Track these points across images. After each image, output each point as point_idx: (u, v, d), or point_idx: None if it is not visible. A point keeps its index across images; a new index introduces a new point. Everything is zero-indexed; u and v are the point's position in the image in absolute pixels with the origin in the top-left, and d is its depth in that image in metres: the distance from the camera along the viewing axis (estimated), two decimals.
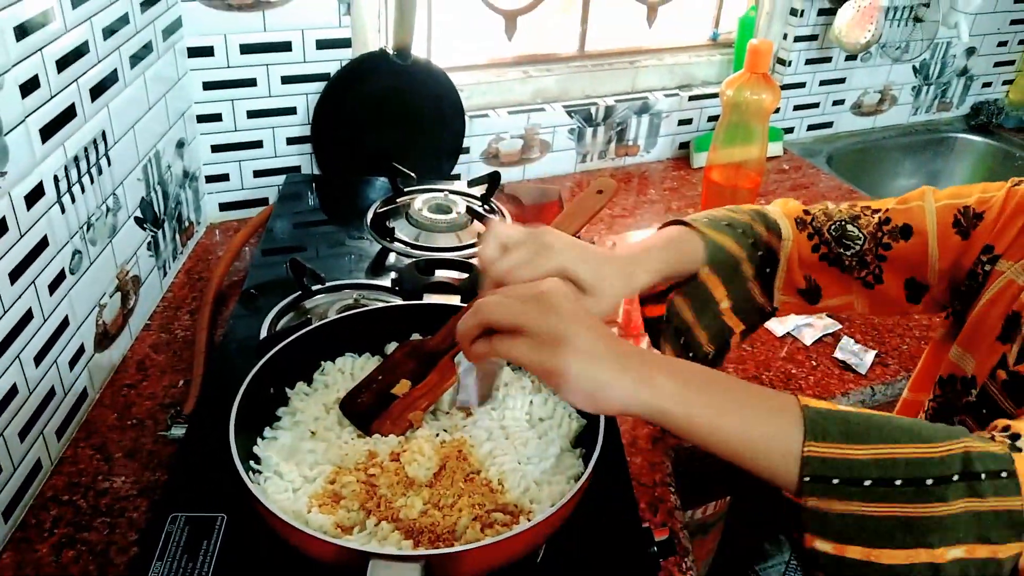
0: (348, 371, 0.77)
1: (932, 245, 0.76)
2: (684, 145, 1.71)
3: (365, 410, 0.71)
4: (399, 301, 0.93)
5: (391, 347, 0.79)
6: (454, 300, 0.84)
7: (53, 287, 0.87)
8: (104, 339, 1.00)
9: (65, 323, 0.90)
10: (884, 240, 0.78)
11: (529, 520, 0.58)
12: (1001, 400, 0.66)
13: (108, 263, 1.00)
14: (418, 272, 0.94)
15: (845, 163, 1.82)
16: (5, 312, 0.78)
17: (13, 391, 0.80)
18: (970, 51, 1.92)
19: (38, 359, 0.84)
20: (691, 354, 0.81)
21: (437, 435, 0.70)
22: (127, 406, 0.98)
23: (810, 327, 1.17)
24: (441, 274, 0.99)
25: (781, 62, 1.71)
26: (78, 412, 0.94)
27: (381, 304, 0.88)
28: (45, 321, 0.85)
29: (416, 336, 0.79)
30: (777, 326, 1.17)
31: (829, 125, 1.87)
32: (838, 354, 1.12)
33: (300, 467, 0.67)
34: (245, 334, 0.97)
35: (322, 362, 0.78)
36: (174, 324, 1.14)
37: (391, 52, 1.33)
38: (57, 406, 0.89)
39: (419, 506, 0.62)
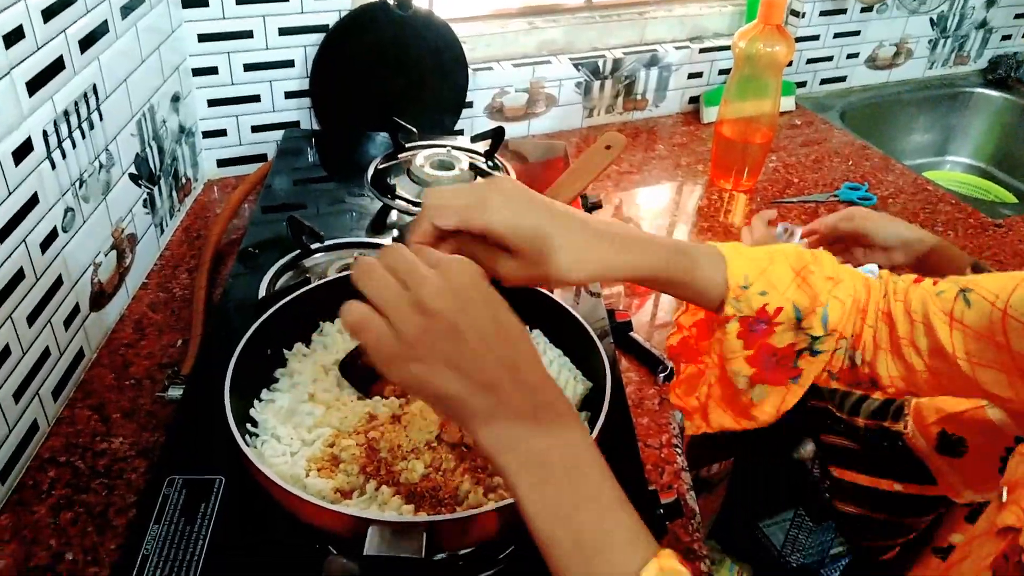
0: (348, 332, 0.75)
1: None
2: (694, 99, 1.66)
3: (365, 372, 0.69)
4: None
5: None
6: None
7: (45, 245, 0.84)
8: (100, 298, 0.98)
9: (59, 282, 0.88)
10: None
11: None
12: None
13: (102, 221, 0.98)
14: None
15: (858, 118, 1.77)
16: None
17: (6, 351, 0.78)
18: (990, 2, 1.86)
19: (31, 319, 0.82)
20: None
21: None
22: (125, 366, 0.96)
23: None
24: None
25: (795, 13, 1.66)
26: (75, 372, 0.92)
27: None
28: (38, 280, 0.83)
29: None
30: None
31: (843, 79, 1.82)
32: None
33: (298, 430, 0.65)
34: (244, 293, 0.95)
35: (321, 323, 0.76)
36: (172, 283, 1.12)
37: (392, 2, 1.29)
38: (52, 366, 0.87)
39: (420, 470, 0.61)
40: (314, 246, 0.98)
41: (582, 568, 0.45)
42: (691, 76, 1.63)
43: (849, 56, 1.79)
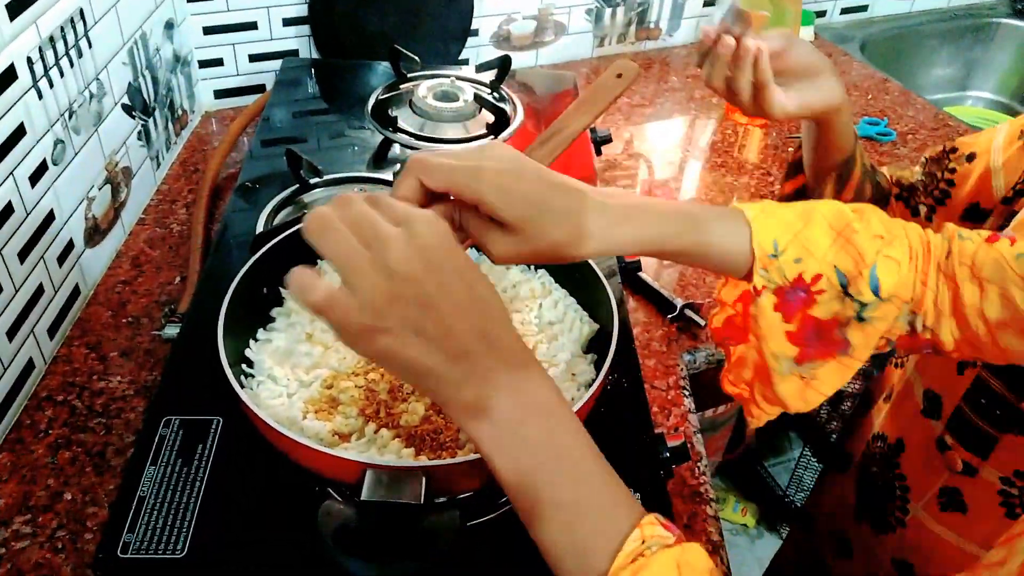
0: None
1: (995, 159, 0.69)
2: None
3: None
4: None
5: None
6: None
7: (34, 179, 0.82)
8: (95, 234, 0.96)
9: (50, 217, 0.85)
10: (949, 166, 0.73)
11: None
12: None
13: (95, 153, 0.94)
14: None
15: (879, 50, 1.71)
16: None
17: None
18: None
19: (22, 255, 0.80)
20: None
21: None
22: (122, 304, 0.94)
23: None
24: None
25: None
26: (70, 310, 0.91)
27: None
28: (28, 215, 0.81)
29: None
30: None
31: (864, 8, 1.75)
32: None
33: (295, 371, 0.63)
34: (242, 229, 0.92)
35: (319, 261, 0.73)
36: (170, 218, 1.09)
37: None
38: (47, 304, 0.85)
39: (420, 412, 0.59)
40: (313, 181, 0.95)
41: (565, 538, 0.43)
42: (707, 4, 1.56)
43: None
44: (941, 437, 0.70)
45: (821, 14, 1.70)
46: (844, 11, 1.73)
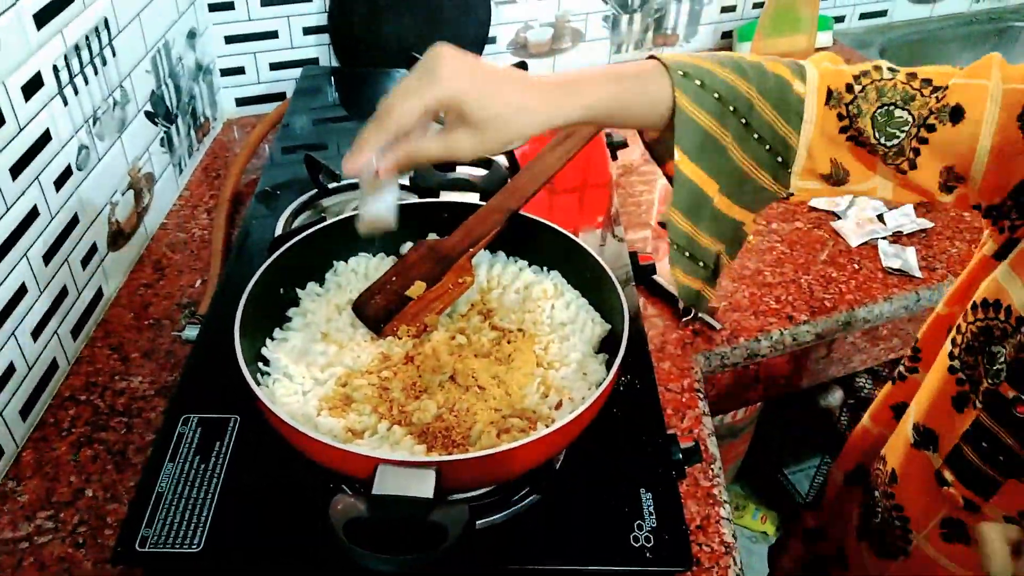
0: (362, 272, 0.74)
1: (984, 136, 0.62)
2: (727, 34, 1.59)
3: (378, 312, 0.68)
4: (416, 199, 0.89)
5: (406, 247, 0.75)
6: (472, 198, 0.79)
7: (59, 183, 0.84)
8: (118, 238, 0.98)
9: (75, 221, 0.87)
10: (929, 121, 0.63)
11: (547, 427, 0.55)
12: None
13: (118, 159, 0.96)
14: (435, 168, 0.89)
15: (899, 55, 1.70)
16: (8, 208, 0.75)
17: (22, 290, 0.78)
18: None
19: (47, 257, 0.82)
20: (701, 263, 0.68)
21: (453, 338, 0.67)
22: (144, 306, 0.96)
23: (856, 227, 1.10)
24: (461, 170, 0.94)
25: None
26: (93, 312, 0.92)
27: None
28: (53, 218, 0.83)
29: (432, 236, 0.75)
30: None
31: (884, 13, 1.74)
32: (886, 262, 1.05)
33: (310, 369, 0.64)
34: (262, 233, 0.94)
35: (335, 262, 0.75)
36: (191, 223, 1.11)
37: None
38: (71, 305, 0.87)
39: (433, 410, 0.60)
40: (331, 185, 0.96)
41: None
42: (724, 10, 1.56)
43: None
44: (939, 471, 0.67)
45: (840, 19, 1.69)
46: (863, 16, 1.72)
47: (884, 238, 1.09)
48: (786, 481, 1.99)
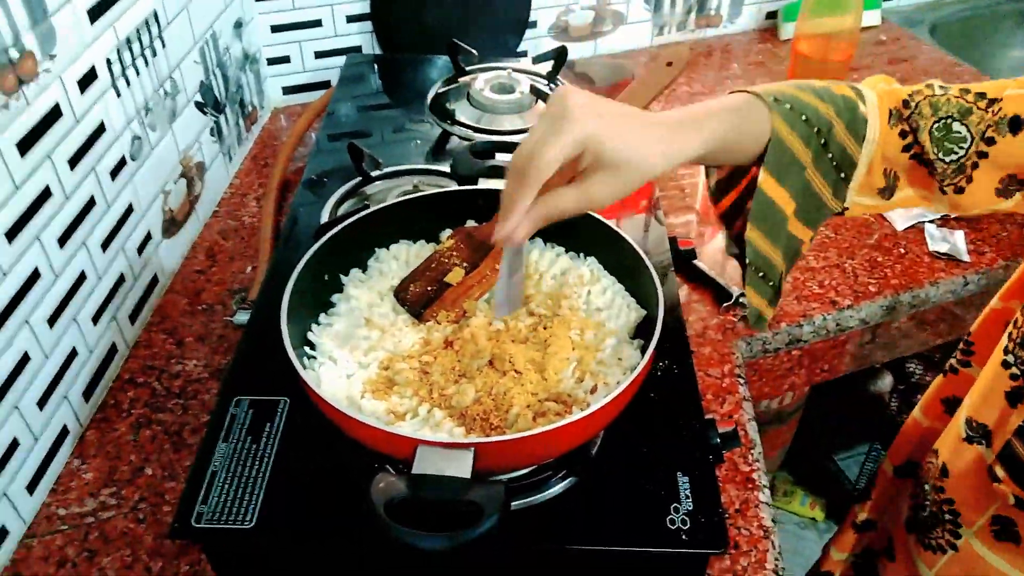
0: (403, 258, 0.76)
1: None
2: (772, 15, 1.57)
3: (419, 298, 0.70)
4: (455, 187, 0.90)
5: (446, 234, 0.77)
6: None
7: (115, 173, 0.87)
8: (172, 226, 1.01)
9: (130, 210, 0.90)
10: (988, 134, 0.64)
11: (582, 411, 0.56)
12: None
13: (170, 149, 1.00)
14: (474, 156, 0.90)
15: (951, 33, 1.65)
16: (67, 199, 0.78)
17: (82, 277, 0.81)
18: None
19: (104, 245, 0.85)
20: (771, 282, 0.69)
21: (491, 323, 0.68)
22: (197, 292, 1.00)
23: (904, 210, 1.08)
24: (501, 157, 0.94)
25: None
26: (150, 297, 0.96)
27: (436, 190, 0.85)
28: (109, 208, 0.86)
29: (471, 223, 0.77)
30: None
31: None
32: (933, 246, 1.03)
33: (355, 353, 0.66)
34: (308, 220, 0.96)
35: (377, 249, 0.76)
36: (241, 211, 1.14)
37: None
38: (128, 291, 0.91)
39: (471, 394, 0.61)
40: (374, 173, 0.98)
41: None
42: None
43: None
44: (991, 467, 0.66)
45: None
46: None
47: (932, 221, 1.07)
48: (835, 468, 1.97)
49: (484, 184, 0.84)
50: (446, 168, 0.99)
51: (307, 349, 0.68)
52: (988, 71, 1.51)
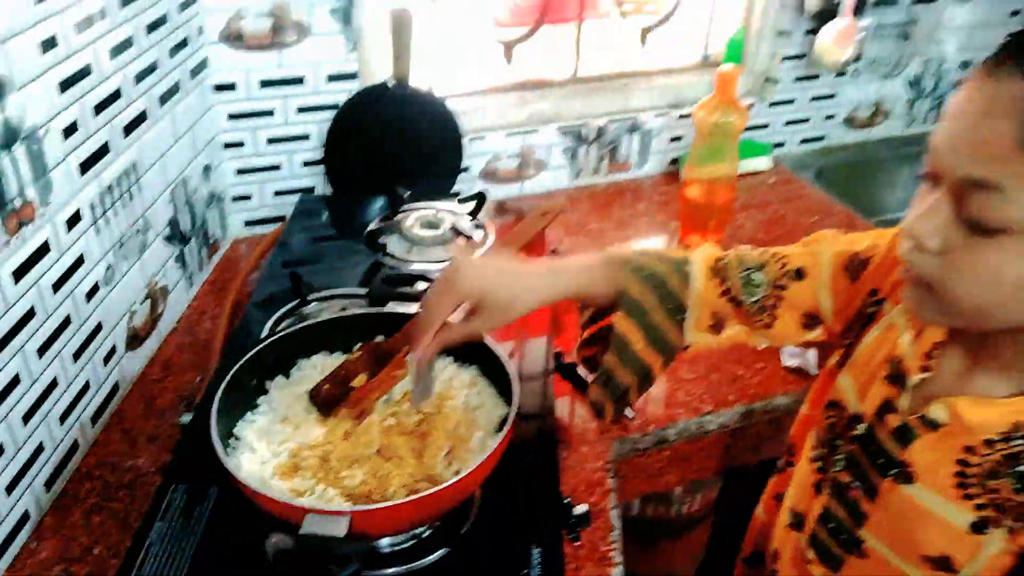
0: (320, 367, 0.92)
1: (823, 287, 0.84)
2: (675, 161, 1.81)
3: (328, 398, 0.86)
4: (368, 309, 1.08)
5: (357, 347, 0.94)
6: (412, 308, 0.98)
7: (89, 296, 1.04)
8: (134, 340, 1.17)
9: (99, 327, 1.07)
10: (781, 282, 0.86)
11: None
12: (889, 445, 0.71)
13: (138, 276, 1.17)
14: (386, 284, 1.09)
15: (837, 176, 1.89)
16: (47, 318, 0.95)
17: (54, 383, 0.97)
18: (964, 64, 1.97)
19: (76, 356, 1.01)
20: (613, 388, 0.87)
21: (385, 420, 0.84)
22: (152, 398, 1.15)
23: None
24: (422, 285, 1.13)
25: (770, 80, 1.80)
26: (111, 402, 1.11)
27: (359, 311, 1.03)
28: (81, 326, 1.02)
29: (380, 338, 0.94)
30: None
31: (821, 139, 1.95)
32: (786, 361, 1.22)
33: (271, 444, 0.82)
34: (251, 336, 1.12)
35: (299, 360, 0.93)
36: (198, 328, 1.30)
37: (390, 84, 1.48)
38: (92, 397, 1.06)
39: (360, 477, 0.77)
40: (310, 296, 1.16)
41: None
42: (671, 140, 1.79)
43: (827, 117, 1.92)
44: (804, 551, 0.81)
45: (780, 144, 1.90)
46: (803, 140, 1.93)
47: None
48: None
49: (392, 307, 1.02)
50: (363, 291, 1.17)
51: (234, 440, 0.83)
52: (874, 207, 1.73)
